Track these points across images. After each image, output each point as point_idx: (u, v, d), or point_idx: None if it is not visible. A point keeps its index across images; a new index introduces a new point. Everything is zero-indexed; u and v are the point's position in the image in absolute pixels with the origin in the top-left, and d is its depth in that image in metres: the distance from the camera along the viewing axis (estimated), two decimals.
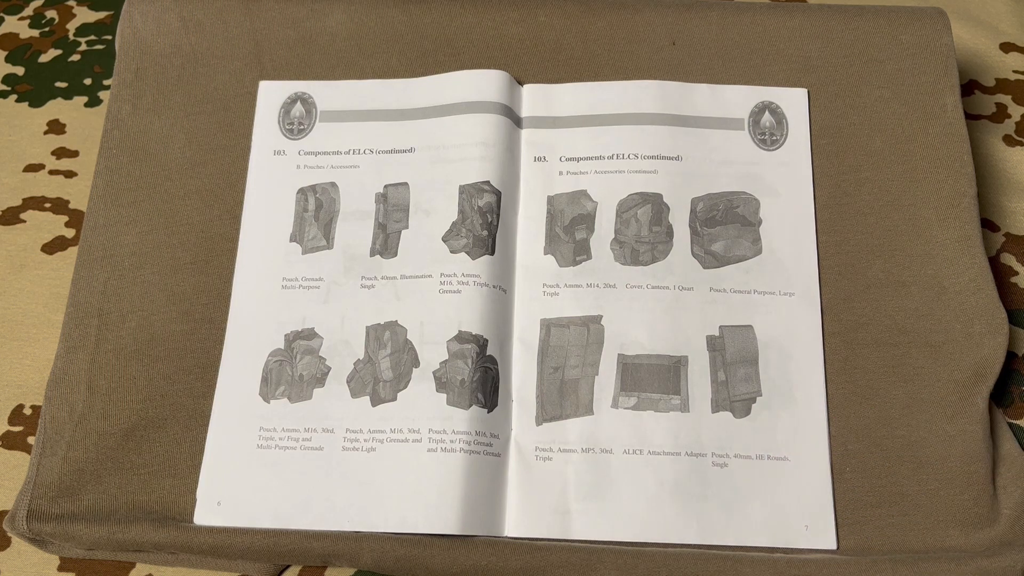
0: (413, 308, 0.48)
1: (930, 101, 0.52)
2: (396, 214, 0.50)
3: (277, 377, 0.48)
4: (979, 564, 0.43)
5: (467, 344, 0.47)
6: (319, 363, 0.48)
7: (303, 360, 0.48)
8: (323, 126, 0.53)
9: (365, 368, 0.48)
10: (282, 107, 0.53)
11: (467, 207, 0.50)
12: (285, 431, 0.47)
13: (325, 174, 0.52)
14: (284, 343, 0.48)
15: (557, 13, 0.55)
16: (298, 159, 0.52)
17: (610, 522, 0.45)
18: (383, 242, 0.50)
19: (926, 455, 0.47)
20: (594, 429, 0.47)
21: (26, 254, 0.55)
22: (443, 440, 0.45)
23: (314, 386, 0.48)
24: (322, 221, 0.51)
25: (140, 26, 0.54)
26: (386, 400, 0.47)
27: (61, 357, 0.48)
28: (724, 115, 0.53)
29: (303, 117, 0.53)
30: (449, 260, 0.49)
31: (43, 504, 0.44)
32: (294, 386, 0.48)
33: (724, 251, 0.50)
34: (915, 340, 0.49)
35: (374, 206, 0.51)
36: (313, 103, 0.53)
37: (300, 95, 0.53)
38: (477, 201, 0.50)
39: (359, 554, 0.44)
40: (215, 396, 0.48)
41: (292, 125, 0.53)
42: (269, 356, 0.48)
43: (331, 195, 0.51)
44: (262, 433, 0.47)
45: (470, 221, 0.50)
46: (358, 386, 0.47)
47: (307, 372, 0.48)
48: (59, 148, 0.59)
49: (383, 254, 0.50)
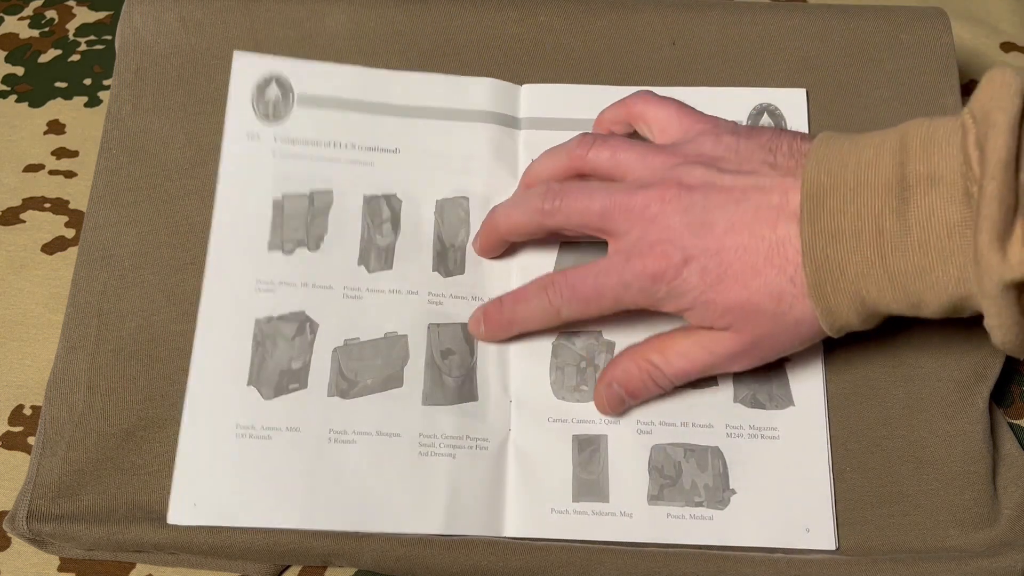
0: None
1: (930, 101, 0.52)
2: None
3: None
4: (979, 564, 0.43)
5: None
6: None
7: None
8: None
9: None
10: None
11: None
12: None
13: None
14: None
15: (557, 13, 0.55)
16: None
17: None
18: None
19: (926, 455, 0.47)
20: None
21: (26, 254, 0.55)
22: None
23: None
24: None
25: (140, 26, 0.54)
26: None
27: (61, 357, 0.48)
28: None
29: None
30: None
31: (43, 504, 0.44)
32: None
33: None
34: (915, 340, 0.49)
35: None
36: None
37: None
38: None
39: (359, 554, 0.44)
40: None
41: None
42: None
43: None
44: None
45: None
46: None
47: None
48: (59, 148, 0.59)
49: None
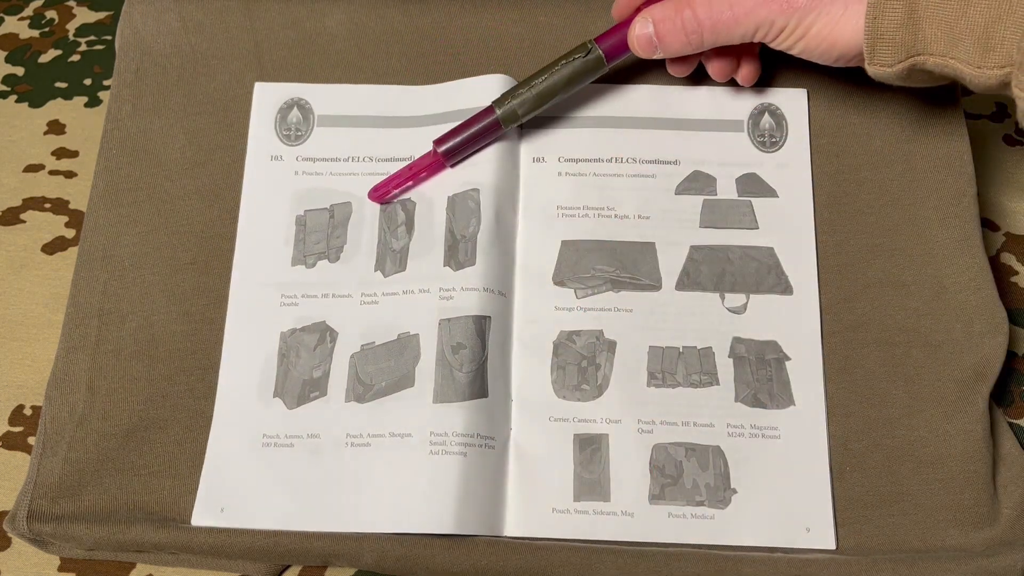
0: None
1: (931, 101, 0.52)
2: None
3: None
4: (979, 564, 0.43)
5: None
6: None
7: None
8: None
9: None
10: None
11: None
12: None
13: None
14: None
15: (557, 13, 0.55)
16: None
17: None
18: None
19: (926, 455, 0.47)
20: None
21: (26, 254, 0.55)
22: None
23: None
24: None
25: (140, 26, 0.54)
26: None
27: (61, 357, 0.48)
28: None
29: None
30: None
31: (43, 504, 0.44)
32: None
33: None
34: (915, 340, 0.49)
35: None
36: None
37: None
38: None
39: (360, 554, 0.44)
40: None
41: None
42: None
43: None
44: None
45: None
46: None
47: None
48: (59, 148, 0.59)
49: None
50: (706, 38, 0.47)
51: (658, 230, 0.51)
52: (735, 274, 0.50)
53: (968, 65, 0.42)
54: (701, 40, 0.47)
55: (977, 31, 0.41)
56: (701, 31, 0.46)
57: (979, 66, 0.41)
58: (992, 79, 0.41)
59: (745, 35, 0.46)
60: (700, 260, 0.50)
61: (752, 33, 0.46)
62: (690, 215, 0.51)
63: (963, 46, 0.41)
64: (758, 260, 0.50)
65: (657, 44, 0.48)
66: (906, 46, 0.43)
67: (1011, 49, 0.40)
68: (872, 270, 0.50)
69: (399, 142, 0.52)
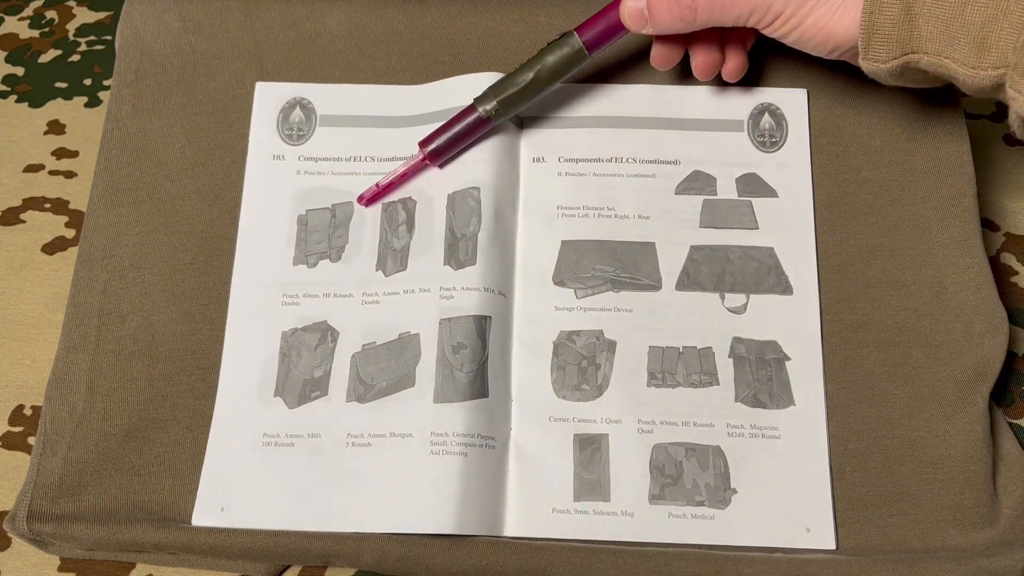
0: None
1: (931, 101, 0.52)
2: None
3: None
4: (979, 564, 0.43)
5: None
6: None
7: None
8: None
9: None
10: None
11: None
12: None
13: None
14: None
15: (557, 13, 0.55)
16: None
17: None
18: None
19: (926, 455, 0.47)
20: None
21: (26, 254, 0.55)
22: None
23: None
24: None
25: (140, 26, 0.54)
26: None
27: (61, 357, 0.48)
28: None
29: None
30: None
31: (43, 504, 0.44)
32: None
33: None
34: (915, 340, 0.49)
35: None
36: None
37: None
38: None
39: (360, 554, 0.44)
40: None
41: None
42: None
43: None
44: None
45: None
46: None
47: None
48: (59, 148, 0.59)
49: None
50: (699, 16, 0.45)
51: (658, 230, 0.51)
52: (735, 274, 0.50)
53: (963, 66, 0.42)
54: (694, 17, 0.46)
55: (973, 30, 0.41)
56: (695, 7, 0.45)
57: (974, 67, 0.41)
58: (986, 80, 0.41)
59: (740, 17, 0.45)
60: (700, 260, 0.50)
61: (747, 16, 0.45)
62: (690, 215, 0.51)
63: (958, 46, 0.41)
64: (758, 260, 0.50)
65: (648, 18, 0.47)
66: (901, 43, 0.43)
67: (1006, 50, 0.40)
68: (872, 270, 0.50)
69: (400, 142, 0.52)
